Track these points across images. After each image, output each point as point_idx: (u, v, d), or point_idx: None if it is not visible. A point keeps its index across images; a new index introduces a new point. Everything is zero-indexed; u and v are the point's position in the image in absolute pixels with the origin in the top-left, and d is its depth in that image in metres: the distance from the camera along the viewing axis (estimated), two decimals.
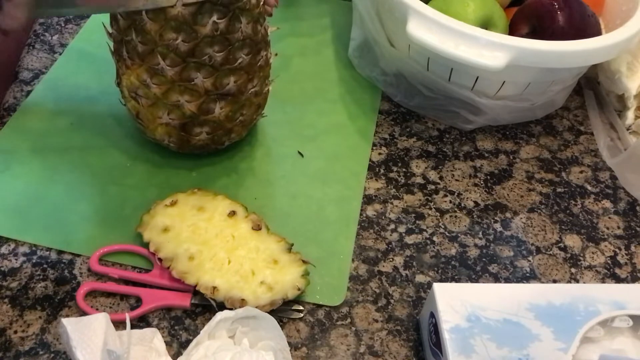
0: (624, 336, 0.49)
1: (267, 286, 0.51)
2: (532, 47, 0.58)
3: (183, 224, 0.53)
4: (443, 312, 0.47)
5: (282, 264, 0.52)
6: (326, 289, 0.54)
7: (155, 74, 0.53)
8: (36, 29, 0.74)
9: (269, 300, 0.50)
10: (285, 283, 0.51)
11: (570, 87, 0.70)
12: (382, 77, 0.71)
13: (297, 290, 0.51)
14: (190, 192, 0.56)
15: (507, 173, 0.65)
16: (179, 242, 0.52)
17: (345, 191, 0.61)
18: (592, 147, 0.69)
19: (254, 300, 0.50)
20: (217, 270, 0.51)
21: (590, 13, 0.64)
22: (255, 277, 0.51)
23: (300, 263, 0.52)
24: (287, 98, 0.70)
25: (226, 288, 0.50)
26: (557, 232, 0.60)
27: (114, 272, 0.53)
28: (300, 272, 0.52)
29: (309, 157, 0.64)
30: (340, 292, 0.54)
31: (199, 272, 0.51)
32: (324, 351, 0.51)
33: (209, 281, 0.50)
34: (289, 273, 0.52)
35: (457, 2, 0.63)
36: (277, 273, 0.51)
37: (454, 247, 0.58)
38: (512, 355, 0.45)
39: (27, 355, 0.49)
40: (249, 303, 0.49)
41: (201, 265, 0.51)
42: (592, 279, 0.57)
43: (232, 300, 0.50)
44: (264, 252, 0.53)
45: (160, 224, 0.54)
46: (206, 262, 0.51)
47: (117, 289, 0.52)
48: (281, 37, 0.77)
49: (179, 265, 0.51)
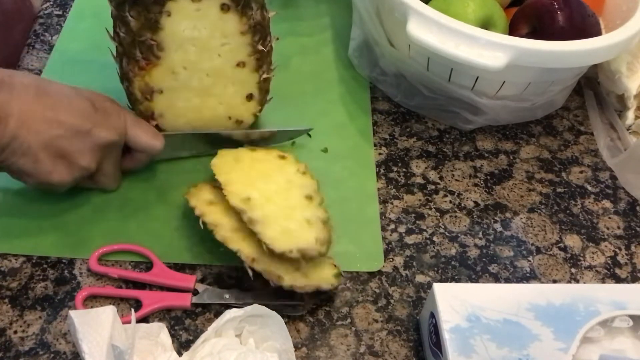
0: (624, 336, 0.49)
1: (302, 273, 0.51)
2: (532, 47, 0.58)
3: (228, 204, 0.54)
4: (443, 312, 0.47)
5: (315, 262, 0.52)
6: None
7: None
8: (36, 29, 0.74)
9: (304, 284, 0.50)
10: (319, 276, 0.51)
11: (570, 87, 0.70)
12: (382, 77, 0.71)
13: (330, 286, 0.51)
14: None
15: (507, 173, 0.65)
16: (223, 215, 0.53)
17: (345, 191, 0.61)
18: (592, 147, 0.69)
19: (290, 279, 0.50)
20: (258, 247, 0.51)
21: (590, 13, 0.64)
22: (291, 263, 0.51)
23: (332, 266, 0.53)
24: (287, 98, 0.70)
25: (266, 262, 0.50)
26: (557, 232, 0.60)
27: (114, 271, 0.53)
28: (332, 273, 0.52)
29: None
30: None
31: (241, 241, 0.51)
32: (324, 351, 0.51)
33: (250, 252, 0.50)
34: (323, 271, 0.52)
35: (457, 2, 0.63)
36: (310, 267, 0.52)
37: (454, 247, 0.58)
38: (512, 355, 0.45)
39: (27, 355, 0.49)
40: (285, 281, 0.49)
41: (244, 238, 0.51)
42: (592, 279, 0.57)
43: (270, 274, 0.50)
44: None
45: (206, 197, 0.54)
46: (248, 237, 0.51)
47: (116, 292, 0.52)
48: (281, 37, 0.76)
49: (222, 231, 0.51)
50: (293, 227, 0.52)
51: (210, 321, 0.51)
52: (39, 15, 0.75)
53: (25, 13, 0.76)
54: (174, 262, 0.55)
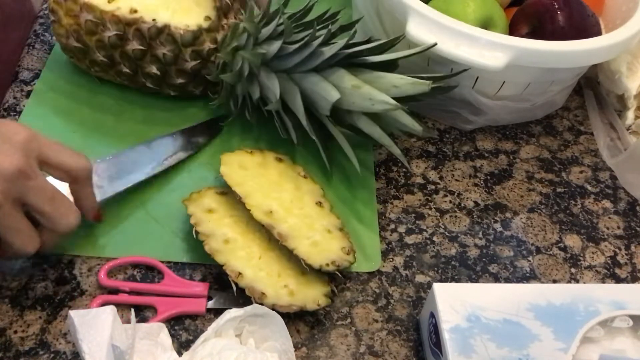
0: (624, 336, 0.49)
1: (289, 290, 0.51)
2: (532, 47, 0.58)
3: (227, 212, 0.54)
4: (443, 312, 0.47)
5: (309, 277, 0.52)
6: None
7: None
8: (36, 29, 0.74)
9: (288, 303, 0.50)
10: (307, 294, 0.51)
11: (570, 87, 0.70)
12: None
13: (317, 306, 0.50)
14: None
15: (507, 173, 0.65)
16: (219, 225, 0.53)
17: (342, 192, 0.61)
18: (592, 147, 0.69)
19: (275, 297, 0.50)
20: (247, 261, 0.52)
21: (590, 13, 0.64)
22: (280, 279, 0.51)
23: (326, 283, 0.52)
24: None
25: (251, 278, 0.50)
26: (557, 232, 0.60)
27: (125, 285, 0.52)
28: (323, 292, 0.51)
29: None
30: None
31: (229, 255, 0.51)
32: (324, 351, 0.51)
33: (237, 266, 0.51)
34: (313, 287, 0.52)
35: (457, 2, 0.63)
36: (301, 283, 0.52)
37: (454, 247, 0.58)
38: (512, 355, 0.45)
39: (27, 355, 0.49)
40: (268, 298, 0.49)
41: (233, 251, 0.52)
42: (592, 279, 0.57)
43: (253, 290, 0.50)
44: (295, 261, 0.52)
45: (206, 204, 0.54)
46: (239, 250, 0.52)
47: (131, 300, 0.52)
48: None
49: (212, 243, 0.52)
50: (318, 238, 0.53)
51: (210, 321, 0.51)
52: (39, 15, 0.75)
53: (25, 13, 0.76)
54: (174, 262, 0.55)
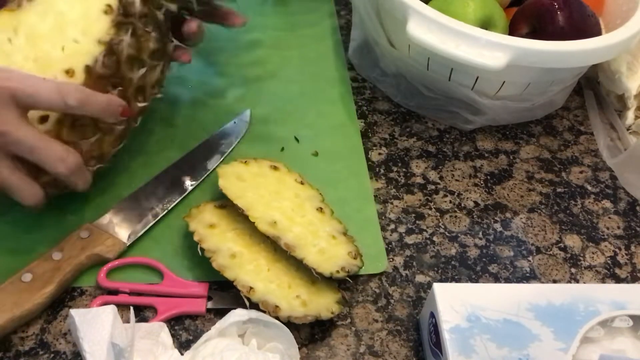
0: (624, 336, 0.49)
1: (302, 301, 0.50)
2: (532, 47, 0.58)
3: (229, 226, 0.54)
4: (443, 312, 0.47)
5: (319, 285, 0.52)
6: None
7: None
8: None
9: (303, 314, 0.49)
10: (320, 303, 0.51)
11: (570, 87, 0.70)
12: (382, 78, 0.71)
13: (331, 314, 0.50)
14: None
15: (507, 173, 0.65)
16: (222, 240, 0.53)
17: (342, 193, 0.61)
18: (592, 147, 0.69)
19: (289, 309, 0.49)
20: (256, 274, 0.51)
21: (590, 13, 0.64)
22: (292, 290, 0.51)
23: (336, 290, 0.52)
24: (287, 98, 0.70)
25: (263, 291, 0.50)
26: (557, 232, 0.60)
27: (125, 286, 0.52)
28: (335, 299, 0.51)
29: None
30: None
31: (238, 269, 0.51)
32: (324, 351, 0.51)
33: (247, 281, 0.50)
34: (325, 296, 0.51)
35: (457, 2, 0.63)
36: (312, 292, 0.51)
37: (454, 247, 0.58)
38: (512, 355, 0.45)
39: (27, 355, 0.49)
40: (282, 311, 0.49)
41: (241, 265, 0.51)
42: (592, 279, 0.57)
43: (267, 304, 0.49)
44: (303, 270, 0.52)
45: (207, 219, 0.54)
46: (246, 264, 0.51)
47: (131, 300, 0.52)
48: (280, 37, 0.77)
49: (219, 259, 0.51)
50: (324, 245, 0.53)
51: (210, 321, 0.51)
52: None
53: None
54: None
